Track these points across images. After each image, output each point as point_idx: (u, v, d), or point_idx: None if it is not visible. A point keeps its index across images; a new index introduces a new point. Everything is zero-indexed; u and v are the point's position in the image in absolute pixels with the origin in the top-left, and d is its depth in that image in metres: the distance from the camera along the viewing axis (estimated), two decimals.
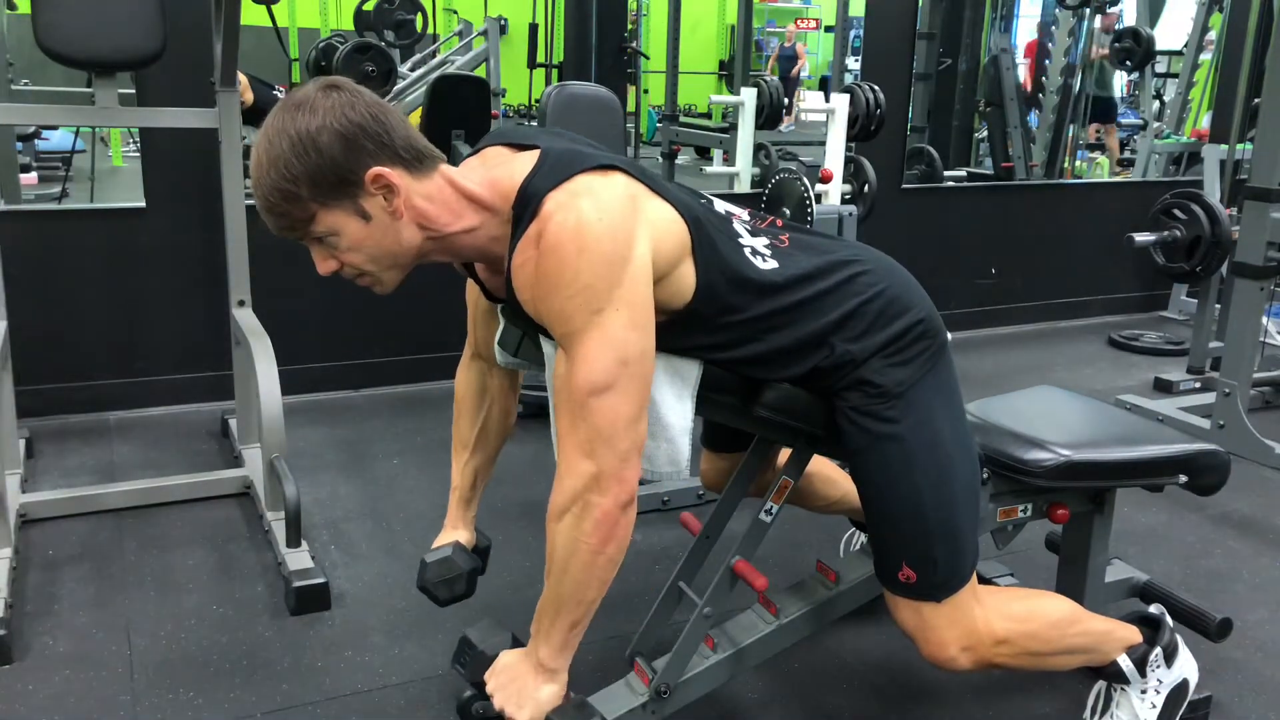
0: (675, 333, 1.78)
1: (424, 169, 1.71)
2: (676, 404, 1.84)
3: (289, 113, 1.63)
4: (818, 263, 1.87)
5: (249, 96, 3.99)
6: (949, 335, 1.98)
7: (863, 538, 2.66)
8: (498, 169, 1.75)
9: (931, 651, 1.94)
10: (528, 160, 1.72)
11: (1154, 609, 2.29)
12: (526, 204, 1.67)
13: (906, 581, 1.90)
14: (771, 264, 1.84)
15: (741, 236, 1.86)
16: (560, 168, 1.68)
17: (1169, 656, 2.20)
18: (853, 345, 1.84)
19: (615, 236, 1.61)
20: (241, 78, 3.40)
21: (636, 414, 1.66)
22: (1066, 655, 2.11)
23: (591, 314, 1.60)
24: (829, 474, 2.50)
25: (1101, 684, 2.23)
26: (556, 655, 1.77)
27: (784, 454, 2.19)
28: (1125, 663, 2.14)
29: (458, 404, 2.22)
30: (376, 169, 1.64)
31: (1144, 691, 2.17)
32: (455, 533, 2.22)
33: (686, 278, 1.75)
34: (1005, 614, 2.00)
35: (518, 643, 1.87)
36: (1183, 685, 2.22)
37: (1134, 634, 2.18)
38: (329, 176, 1.62)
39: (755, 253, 1.84)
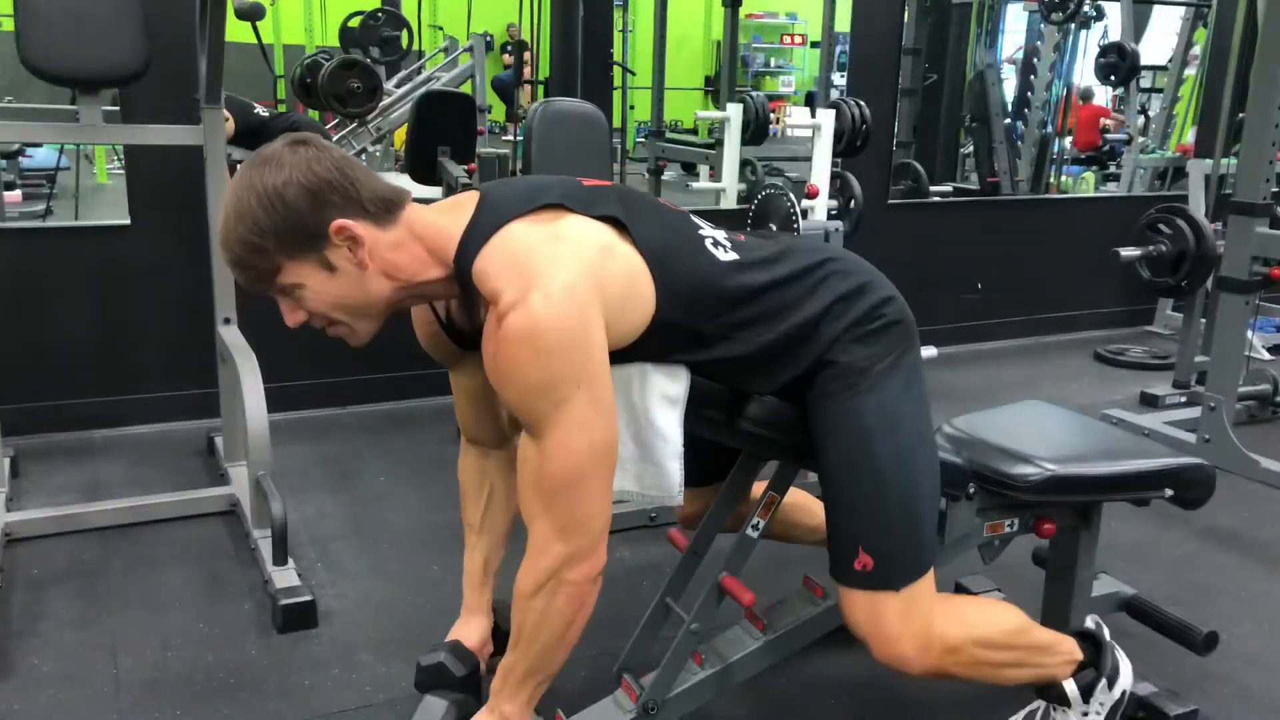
0: (652, 342, 1.80)
1: (393, 220, 1.75)
2: (666, 427, 1.84)
3: (256, 169, 1.68)
4: (788, 269, 1.91)
5: (230, 126, 3.97)
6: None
7: None
8: (447, 217, 1.79)
9: (883, 649, 1.93)
10: (468, 210, 1.77)
11: (1090, 622, 2.29)
12: (463, 272, 1.73)
13: (863, 570, 1.89)
14: (731, 255, 1.87)
15: (702, 229, 1.91)
16: (488, 223, 1.73)
17: (1112, 681, 2.20)
18: (825, 330, 1.89)
19: (570, 329, 1.63)
20: None
21: (607, 494, 1.73)
22: (1014, 668, 2.11)
23: (554, 405, 1.64)
24: (804, 502, 2.51)
25: (1040, 703, 2.22)
26: (524, 711, 1.85)
27: (759, 487, 2.21)
28: (1071, 689, 2.14)
29: (462, 490, 2.28)
30: (340, 221, 1.68)
31: (1085, 714, 2.17)
32: (468, 623, 2.24)
33: (645, 308, 1.77)
34: (959, 619, 2.00)
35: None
36: (1120, 699, 2.22)
37: (1074, 648, 2.18)
38: (295, 230, 1.67)
39: (716, 244, 1.88)
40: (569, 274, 1.65)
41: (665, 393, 1.82)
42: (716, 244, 1.87)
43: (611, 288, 1.70)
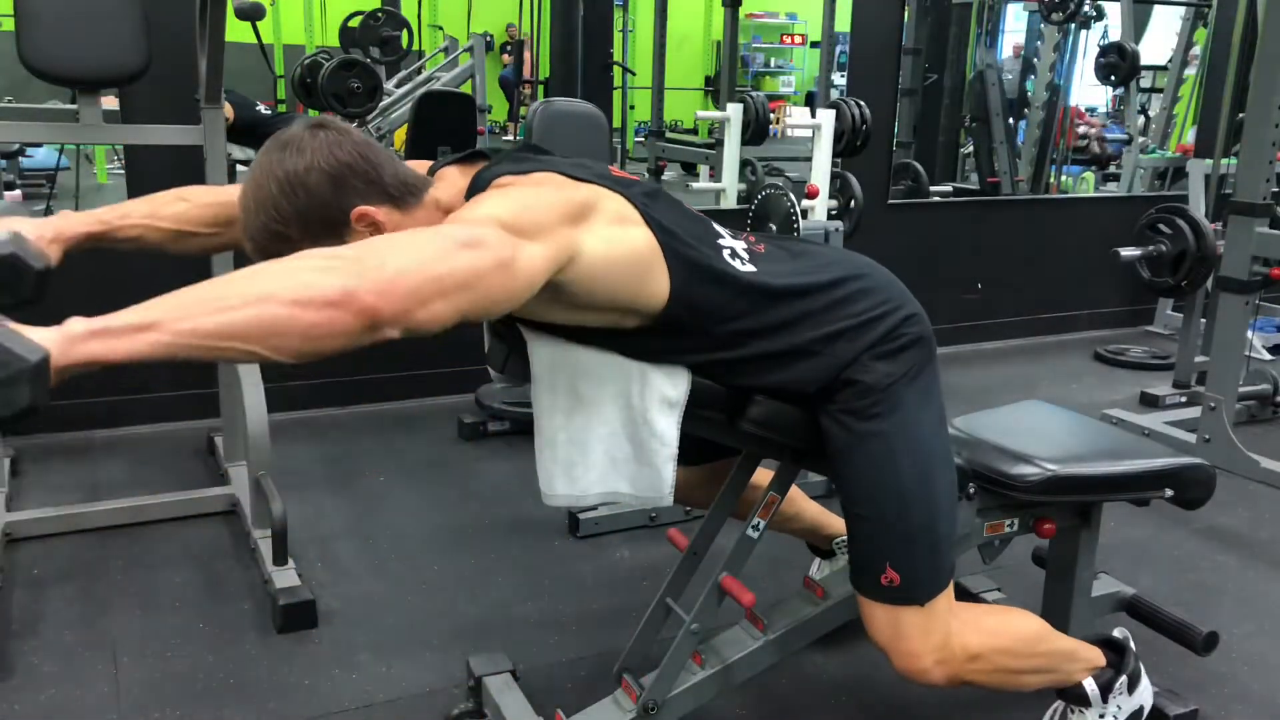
0: (656, 340, 1.77)
1: (415, 201, 1.73)
2: (665, 430, 1.82)
3: (276, 154, 1.66)
4: (806, 280, 1.87)
5: (229, 114, 3.97)
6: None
7: (826, 566, 2.67)
8: (461, 178, 1.78)
9: (905, 663, 1.92)
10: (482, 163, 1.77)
11: (1118, 633, 2.28)
12: (480, 189, 1.68)
13: (889, 585, 1.88)
14: (748, 268, 1.83)
15: (722, 238, 1.87)
16: (517, 161, 1.71)
17: (1132, 684, 2.20)
18: (842, 349, 1.85)
19: (548, 203, 1.58)
20: None
21: (464, 282, 1.41)
22: (1034, 674, 2.10)
23: (506, 199, 1.55)
24: (796, 495, 2.51)
25: (1060, 704, 2.23)
26: (102, 327, 1.37)
27: (762, 475, 2.20)
28: (1090, 686, 2.14)
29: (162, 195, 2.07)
30: (361, 207, 1.66)
31: (1103, 716, 2.16)
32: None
33: (653, 293, 1.72)
34: (978, 628, 1.99)
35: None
36: (1138, 712, 2.23)
37: (1098, 656, 2.18)
38: (317, 216, 1.65)
39: (734, 255, 1.83)
40: (571, 193, 1.63)
41: (665, 396, 1.80)
42: (735, 255, 1.83)
43: (610, 246, 1.64)
